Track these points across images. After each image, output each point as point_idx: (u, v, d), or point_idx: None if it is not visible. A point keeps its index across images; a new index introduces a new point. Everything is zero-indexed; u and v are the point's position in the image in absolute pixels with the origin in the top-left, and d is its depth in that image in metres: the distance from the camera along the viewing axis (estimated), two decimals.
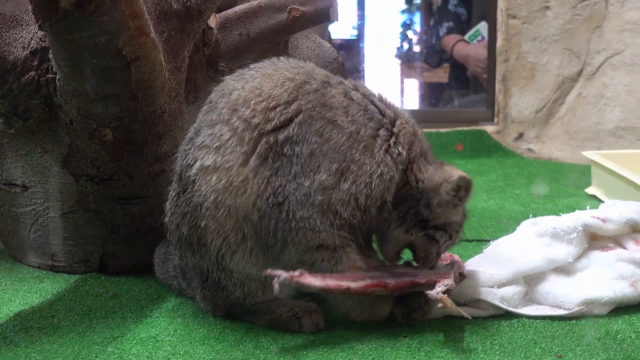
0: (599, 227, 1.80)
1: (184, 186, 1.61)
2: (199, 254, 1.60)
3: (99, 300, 1.80)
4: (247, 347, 1.51)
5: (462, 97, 5.00)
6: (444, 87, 5.37)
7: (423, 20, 6.00)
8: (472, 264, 1.83)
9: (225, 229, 1.55)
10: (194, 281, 1.68)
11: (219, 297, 1.64)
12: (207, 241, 1.57)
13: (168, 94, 1.86)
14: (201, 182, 1.57)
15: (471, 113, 4.40)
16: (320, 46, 2.44)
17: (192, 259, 1.63)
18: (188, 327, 1.62)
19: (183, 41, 1.92)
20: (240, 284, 1.60)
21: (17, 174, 1.98)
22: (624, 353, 1.45)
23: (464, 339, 1.53)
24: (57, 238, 1.98)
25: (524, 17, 3.99)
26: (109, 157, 1.86)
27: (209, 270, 1.61)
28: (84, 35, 1.61)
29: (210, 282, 1.62)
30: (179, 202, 1.63)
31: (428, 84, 5.83)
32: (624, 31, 3.87)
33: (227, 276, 1.59)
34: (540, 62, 4.00)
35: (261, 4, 2.14)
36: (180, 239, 1.64)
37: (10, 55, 1.82)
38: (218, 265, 1.58)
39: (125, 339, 1.57)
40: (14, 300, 1.80)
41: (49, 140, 1.91)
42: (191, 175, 1.58)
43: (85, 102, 1.76)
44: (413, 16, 6.12)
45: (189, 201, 1.59)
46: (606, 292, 1.66)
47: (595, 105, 3.94)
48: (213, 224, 1.56)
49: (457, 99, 5.03)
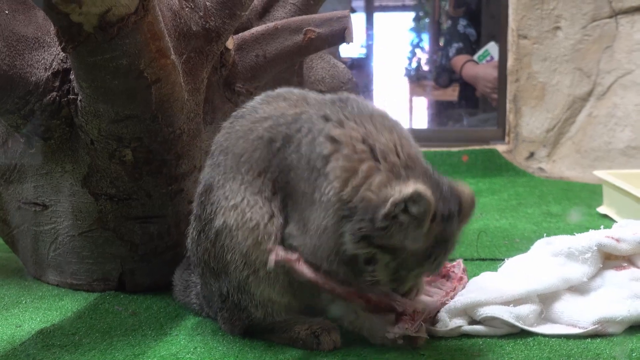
0: (613, 247, 1.81)
1: (204, 224, 1.61)
2: (223, 280, 1.61)
3: (118, 318, 1.82)
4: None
5: (471, 117, 5.02)
6: (454, 106, 5.39)
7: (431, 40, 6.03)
8: (486, 280, 1.84)
9: (250, 259, 1.55)
10: (215, 303, 1.69)
11: (239, 317, 1.64)
12: (231, 270, 1.57)
13: (187, 115, 1.87)
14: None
15: (482, 132, 4.41)
16: (335, 67, 2.45)
17: (215, 284, 1.63)
18: (207, 345, 1.63)
19: (202, 63, 1.94)
20: (263, 306, 1.60)
21: (37, 193, 2.00)
22: None
23: (481, 357, 1.54)
24: (77, 256, 2.00)
25: (534, 37, 4.00)
26: (129, 177, 1.88)
27: (229, 293, 1.61)
28: (106, 58, 1.62)
29: (230, 304, 1.63)
30: (200, 240, 1.64)
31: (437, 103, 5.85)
32: (634, 51, 3.88)
33: (248, 298, 1.59)
34: (551, 82, 4.01)
35: (277, 26, 2.16)
36: (203, 269, 1.65)
37: (32, 76, 1.84)
38: (240, 289, 1.59)
39: (146, 356, 1.58)
40: (35, 318, 1.82)
41: (69, 159, 1.92)
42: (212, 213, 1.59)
43: (106, 122, 1.78)
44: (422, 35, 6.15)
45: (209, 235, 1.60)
46: (621, 311, 1.66)
47: (606, 124, 3.95)
48: (239, 257, 1.56)
49: (466, 118, 5.06)
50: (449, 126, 5.50)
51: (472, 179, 3.87)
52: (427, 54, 6.05)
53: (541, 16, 3.97)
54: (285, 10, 2.35)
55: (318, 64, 2.45)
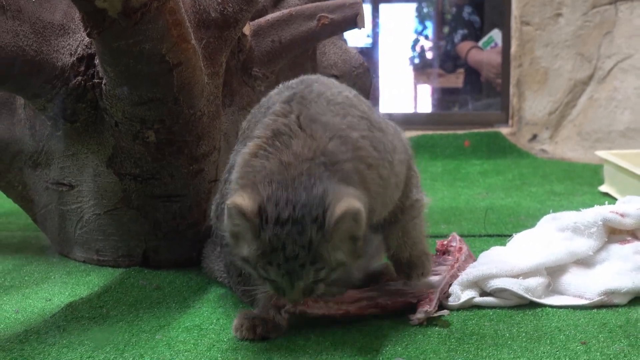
0: (618, 222, 1.87)
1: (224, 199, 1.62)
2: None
3: (143, 292, 1.87)
4: (288, 334, 1.56)
5: (476, 101, 5.06)
6: (459, 91, 5.42)
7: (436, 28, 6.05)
8: (496, 254, 1.89)
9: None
10: (232, 274, 1.74)
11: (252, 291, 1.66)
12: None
13: (207, 98, 1.92)
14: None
15: (486, 116, 4.46)
16: (347, 52, 2.48)
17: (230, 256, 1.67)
18: (230, 317, 1.68)
19: (220, 47, 1.98)
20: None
21: (64, 174, 2.05)
22: None
23: (492, 327, 1.59)
24: (102, 234, 2.06)
25: (537, 23, 4.04)
26: (152, 158, 1.93)
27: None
28: (129, 43, 1.67)
29: (244, 277, 1.67)
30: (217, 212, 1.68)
31: (444, 89, 5.88)
32: (633, 36, 3.92)
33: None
34: (553, 66, 4.06)
35: (292, 12, 2.19)
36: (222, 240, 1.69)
37: (58, 61, 1.90)
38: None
39: (172, 327, 1.63)
40: (64, 292, 1.88)
41: (95, 141, 1.98)
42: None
43: (130, 105, 1.83)
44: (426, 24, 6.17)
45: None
46: (626, 283, 1.72)
47: (606, 107, 3.99)
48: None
49: (472, 102, 5.10)
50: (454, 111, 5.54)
51: (477, 160, 3.92)
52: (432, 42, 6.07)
53: (543, 3, 4.01)
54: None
55: (331, 50, 2.48)
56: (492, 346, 1.48)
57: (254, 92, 2.19)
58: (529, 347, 1.48)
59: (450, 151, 4.09)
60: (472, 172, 3.71)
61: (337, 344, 1.51)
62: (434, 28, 6.08)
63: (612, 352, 1.45)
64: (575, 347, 1.48)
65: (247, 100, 2.18)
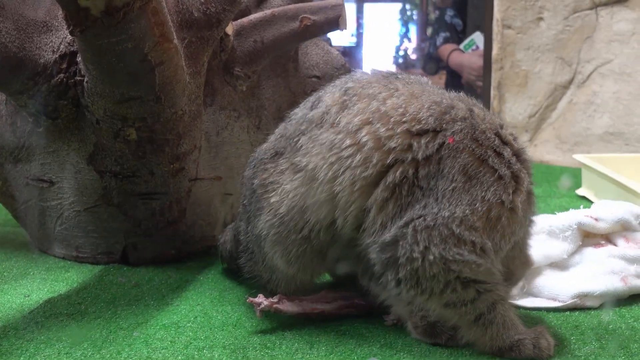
0: (592, 226, 1.90)
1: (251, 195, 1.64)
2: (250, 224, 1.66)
3: (122, 289, 1.88)
4: (264, 332, 1.59)
5: None
6: None
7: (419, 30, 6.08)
8: None
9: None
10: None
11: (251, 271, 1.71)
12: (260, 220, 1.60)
13: (188, 97, 1.93)
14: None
15: None
16: (329, 53, 2.49)
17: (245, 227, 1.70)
18: (207, 315, 1.70)
19: (203, 47, 1.99)
20: (269, 271, 1.65)
21: (44, 170, 2.06)
22: (616, 342, 1.53)
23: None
24: (82, 231, 2.06)
25: (518, 27, 4.07)
26: (132, 155, 1.94)
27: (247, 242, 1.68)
28: (112, 41, 1.68)
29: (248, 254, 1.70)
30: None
31: None
32: (612, 42, 3.94)
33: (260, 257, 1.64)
34: (534, 70, 4.08)
35: (275, 13, 2.20)
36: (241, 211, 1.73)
37: (41, 58, 1.91)
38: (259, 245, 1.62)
39: (149, 324, 1.65)
40: (43, 289, 1.89)
41: (76, 138, 1.98)
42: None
43: (112, 103, 1.83)
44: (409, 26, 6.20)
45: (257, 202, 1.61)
46: (598, 286, 1.74)
47: (585, 111, 4.01)
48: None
49: None
50: None
51: None
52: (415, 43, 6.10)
53: (525, 7, 4.03)
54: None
55: (313, 50, 2.49)
56: (465, 346, 1.50)
57: (236, 92, 2.20)
58: None
59: None
60: None
61: (313, 343, 1.53)
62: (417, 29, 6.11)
63: (583, 353, 1.48)
64: None
65: (228, 99, 2.19)
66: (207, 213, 2.13)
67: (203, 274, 2.01)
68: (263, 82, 2.32)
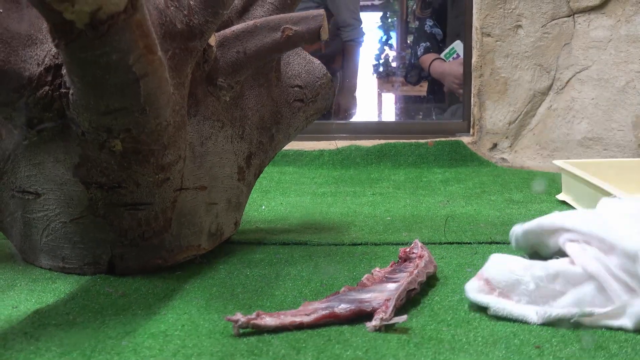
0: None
1: None
2: None
3: (109, 299, 1.89)
4: (251, 340, 1.59)
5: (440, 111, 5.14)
6: (423, 100, 5.50)
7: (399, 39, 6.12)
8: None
9: None
10: None
11: None
12: None
13: (172, 108, 1.94)
14: None
15: (448, 125, 4.52)
16: (310, 63, 2.51)
17: None
18: (194, 323, 1.71)
19: (186, 59, 2.01)
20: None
21: (30, 182, 2.06)
22: (595, 343, 1.56)
23: (449, 332, 1.63)
24: (68, 242, 2.07)
25: (497, 35, 4.11)
26: (118, 166, 1.95)
27: None
28: (97, 54, 1.68)
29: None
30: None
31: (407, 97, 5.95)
32: (590, 48, 4.00)
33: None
34: (513, 77, 4.13)
35: (257, 24, 2.21)
36: None
37: (26, 71, 1.91)
38: None
39: (137, 333, 1.65)
40: (30, 300, 1.89)
41: (61, 150, 1.99)
42: None
43: (97, 115, 1.84)
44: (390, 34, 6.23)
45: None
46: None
47: (565, 117, 4.07)
48: None
49: (435, 112, 5.17)
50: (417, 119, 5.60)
51: (439, 168, 3.97)
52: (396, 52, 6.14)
53: (504, 15, 4.08)
54: (264, 9, 2.40)
55: (295, 60, 2.51)
56: (449, 350, 1.53)
57: (219, 102, 2.21)
58: (485, 352, 1.52)
59: (413, 159, 4.15)
60: (433, 180, 3.76)
61: (300, 349, 1.54)
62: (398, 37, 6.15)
63: (565, 355, 1.50)
64: (529, 350, 1.53)
65: (212, 110, 2.20)
66: (192, 222, 2.14)
67: (189, 283, 2.02)
68: (246, 92, 2.34)
